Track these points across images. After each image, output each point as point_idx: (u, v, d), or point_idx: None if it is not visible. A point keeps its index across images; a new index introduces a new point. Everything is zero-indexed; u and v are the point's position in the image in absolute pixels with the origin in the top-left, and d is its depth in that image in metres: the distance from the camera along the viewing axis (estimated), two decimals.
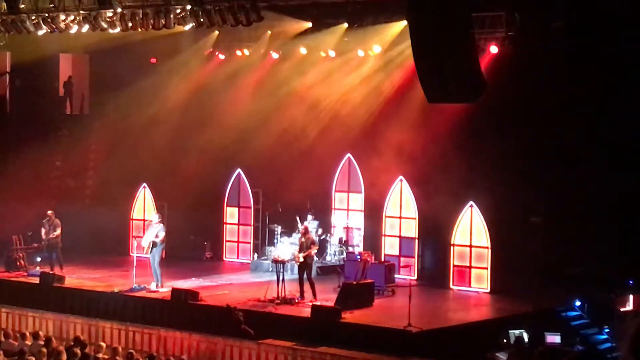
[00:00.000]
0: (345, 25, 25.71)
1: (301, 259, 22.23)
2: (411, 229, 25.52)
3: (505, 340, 19.01)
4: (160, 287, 23.07)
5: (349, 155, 26.81)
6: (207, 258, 28.13)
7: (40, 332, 19.37)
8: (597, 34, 21.61)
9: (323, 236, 25.92)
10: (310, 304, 21.21)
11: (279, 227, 26.09)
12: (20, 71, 29.47)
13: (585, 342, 20.49)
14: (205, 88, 28.24)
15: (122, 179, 29.24)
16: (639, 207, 21.91)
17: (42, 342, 17.96)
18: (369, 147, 26.06)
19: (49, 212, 25.64)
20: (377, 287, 22.71)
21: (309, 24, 26.20)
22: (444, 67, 16.45)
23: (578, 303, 21.93)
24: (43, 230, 25.51)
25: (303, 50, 26.85)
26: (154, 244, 23.19)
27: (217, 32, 27.24)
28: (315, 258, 24.59)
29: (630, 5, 21.21)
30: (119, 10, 21.15)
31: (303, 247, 22.40)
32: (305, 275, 22.23)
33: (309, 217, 25.63)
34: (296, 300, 21.83)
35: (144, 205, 28.72)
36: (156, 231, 23.35)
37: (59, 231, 25.44)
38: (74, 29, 21.99)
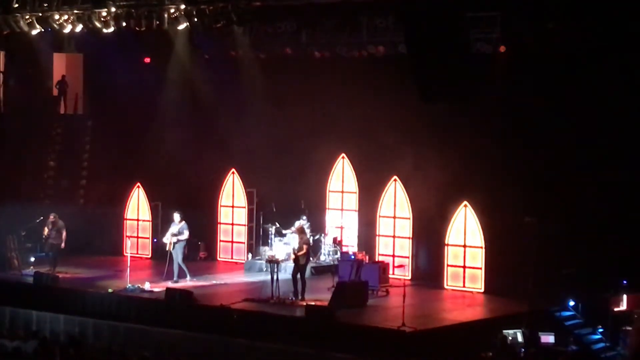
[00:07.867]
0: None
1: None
2: (405, 229, 25.52)
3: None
4: (189, 280, 23.96)
5: (343, 155, 26.81)
6: (201, 258, 28.09)
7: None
8: (591, 35, 21.61)
9: (317, 236, 25.92)
10: (304, 304, 21.21)
11: (273, 227, 26.07)
12: (14, 71, 29.39)
13: (579, 342, 20.54)
14: (200, 88, 28.18)
15: (116, 179, 29.21)
16: (632, 207, 21.94)
17: (36, 342, 17.94)
18: (363, 147, 26.06)
19: (52, 216, 25.51)
20: (371, 287, 22.72)
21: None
22: (438, 67, 16.48)
23: (572, 303, 21.98)
24: (46, 230, 25.38)
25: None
26: (178, 242, 24.04)
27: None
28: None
29: (625, 5, 21.22)
30: (113, 9, 21.14)
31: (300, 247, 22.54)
32: (298, 275, 22.27)
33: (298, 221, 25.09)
34: (290, 300, 21.86)
35: (137, 205, 28.68)
36: (178, 229, 24.14)
37: (64, 234, 25.30)
38: (68, 28, 21.98)
